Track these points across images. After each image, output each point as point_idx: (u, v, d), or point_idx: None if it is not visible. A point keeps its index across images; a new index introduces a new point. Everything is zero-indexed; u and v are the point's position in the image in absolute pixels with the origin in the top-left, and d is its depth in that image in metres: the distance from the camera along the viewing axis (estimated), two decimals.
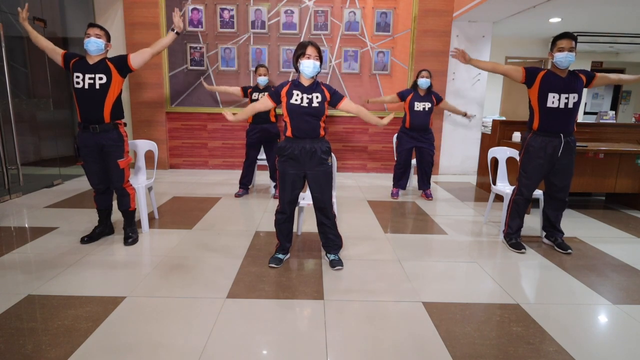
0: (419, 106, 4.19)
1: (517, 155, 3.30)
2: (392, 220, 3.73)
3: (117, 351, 1.71)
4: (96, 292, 2.21)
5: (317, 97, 2.42)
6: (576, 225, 3.66)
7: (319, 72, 2.44)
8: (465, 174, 6.11)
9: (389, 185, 4.87)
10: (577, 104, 2.74)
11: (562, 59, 2.65)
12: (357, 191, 4.81)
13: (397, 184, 4.53)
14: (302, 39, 5.02)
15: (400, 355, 1.73)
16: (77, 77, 2.67)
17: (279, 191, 2.56)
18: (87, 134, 2.74)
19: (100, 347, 1.73)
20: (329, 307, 2.10)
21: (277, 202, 4.15)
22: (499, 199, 3.92)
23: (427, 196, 4.48)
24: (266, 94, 2.56)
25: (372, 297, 2.22)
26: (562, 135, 2.78)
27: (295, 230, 2.83)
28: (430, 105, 4.21)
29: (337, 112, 5.66)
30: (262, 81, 4.25)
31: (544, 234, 3.16)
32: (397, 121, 5.77)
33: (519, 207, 3.01)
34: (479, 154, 5.30)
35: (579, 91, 2.73)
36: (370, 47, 5.65)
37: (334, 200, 2.80)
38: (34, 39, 2.82)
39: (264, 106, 2.58)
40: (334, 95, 2.50)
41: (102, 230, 3.03)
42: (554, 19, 5.65)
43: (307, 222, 3.44)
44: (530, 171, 2.90)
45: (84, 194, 4.36)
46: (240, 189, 4.47)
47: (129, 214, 2.98)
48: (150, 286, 2.29)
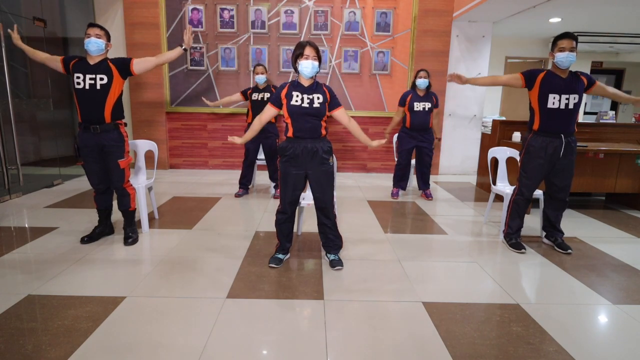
0: (419, 106, 4.19)
1: (517, 155, 3.31)
2: (392, 220, 3.73)
3: (117, 351, 1.71)
4: (96, 292, 2.21)
5: (319, 97, 2.42)
6: (576, 225, 3.66)
7: (318, 72, 2.44)
8: (465, 174, 6.11)
9: (389, 185, 4.87)
10: (577, 105, 2.74)
11: (563, 59, 2.65)
12: (357, 191, 4.81)
13: (398, 184, 4.53)
14: (302, 39, 5.02)
15: (400, 355, 1.73)
16: (78, 77, 2.67)
17: (280, 191, 2.55)
18: (87, 134, 2.74)
19: (100, 347, 1.73)
20: (329, 307, 2.10)
21: (277, 202, 4.18)
22: (499, 199, 3.92)
23: (427, 196, 4.48)
24: (268, 103, 2.52)
25: (372, 297, 2.22)
26: (562, 135, 2.78)
27: (295, 230, 2.83)
28: (430, 105, 4.21)
29: None
30: (260, 79, 4.23)
31: (544, 234, 3.16)
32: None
33: (519, 207, 3.01)
34: (479, 154, 5.30)
35: (580, 92, 2.73)
36: (370, 47, 5.65)
37: (335, 200, 2.79)
38: (32, 54, 2.87)
39: (269, 115, 2.54)
40: (333, 100, 2.49)
41: (102, 230, 3.03)
42: (554, 19, 5.65)
43: (307, 222, 3.44)
44: (530, 171, 2.90)
45: (84, 194, 4.36)
46: (240, 189, 4.47)
47: (129, 214, 2.98)
48: (150, 286, 2.29)
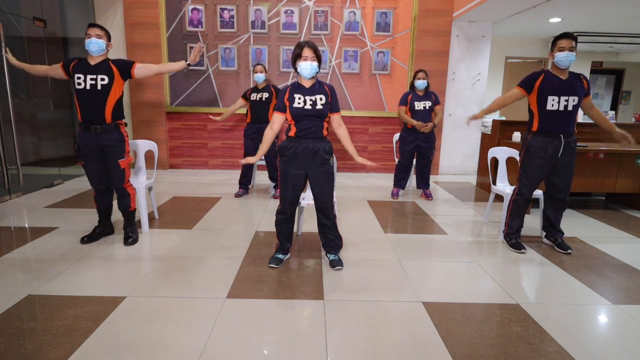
0: (420, 105, 4.20)
1: (517, 155, 3.30)
2: (392, 220, 3.73)
3: (117, 351, 1.71)
4: (96, 292, 2.21)
5: (321, 98, 2.41)
6: (576, 225, 3.66)
7: (318, 72, 2.43)
8: (465, 174, 6.11)
9: (389, 185, 4.87)
10: (576, 107, 2.74)
11: (563, 58, 2.65)
12: (357, 191, 4.81)
13: (398, 184, 4.53)
14: (302, 39, 5.02)
15: (400, 355, 1.73)
16: (79, 78, 2.67)
17: (280, 191, 2.55)
18: (88, 134, 2.74)
19: (100, 347, 1.73)
20: (329, 307, 2.10)
21: (277, 202, 4.18)
22: (499, 199, 3.92)
23: (427, 196, 4.48)
24: (274, 112, 2.48)
25: (372, 297, 2.22)
26: (562, 135, 2.78)
27: (295, 230, 2.83)
28: (430, 103, 4.21)
29: None
30: (259, 78, 4.20)
31: (544, 234, 3.16)
32: (397, 121, 5.79)
33: (519, 207, 3.01)
34: (479, 154, 5.30)
35: (580, 94, 2.73)
36: (370, 47, 5.65)
37: (335, 200, 2.79)
38: (32, 70, 2.90)
39: (279, 124, 2.48)
40: (333, 102, 2.48)
41: (102, 230, 3.03)
42: (554, 19, 5.65)
43: (307, 222, 3.44)
44: (530, 171, 2.90)
45: (84, 194, 4.36)
46: (240, 189, 4.47)
47: (129, 214, 2.98)
48: (150, 286, 2.29)
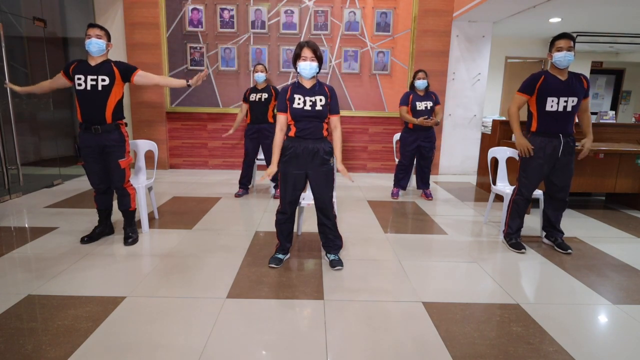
0: (421, 105, 4.20)
1: (517, 155, 3.30)
2: (392, 220, 3.73)
3: (117, 351, 1.71)
4: (96, 292, 2.21)
5: (321, 100, 2.41)
6: (576, 225, 3.66)
7: (318, 72, 2.43)
8: (465, 174, 6.11)
9: (389, 185, 4.87)
10: (575, 107, 2.74)
11: (561, 58, 2.65)
12: (357, 191, 4.81)
13: (398, 184, 4.53)
14: (302, 39, 5.02)
15: (400, 355, 1.73)
16: (79, 78, 2.67)
17: (280, 191, 2.55)
18: (88, 134, 2.75)
19: (100, 347, 1.73)
20: (329, 307, 2.10)
21: (277, 202, 4.18)
22: (499, 199, 3.92)
23: (427, 196, 4.48)
24: (277, 112, 2.47)
25: (372, 297, 2.22)
26: (561, 135, 2.79)
27: (295, 230, 2.83)
28: (431, 103, 4.21)
29: None
30: (260, 77, 4.18)
31: (544, 234, 3.16)
32: (397, 121, 5.79)
33: (518, 207, 3.01)
34: (479, 154, 5.30)
35: (579, 94, 2.73)
36: (370, 47, 5.65)
37: (334, 200, 2.79)
38: (40, 90, 2.90)
39: (284, 123, 2.46)
40: (333, 104, 2.47)
41: (102, 230, 3.03)
42: (554, 19, 5.65)
43: (307, 222, 3.44)
44: (529, 171, 2.90)
45: (84, 194, 4.36)
46: (240, 189, 4.47)
47: (129, 214, 2.98)
48: (150, 286, 2.29)
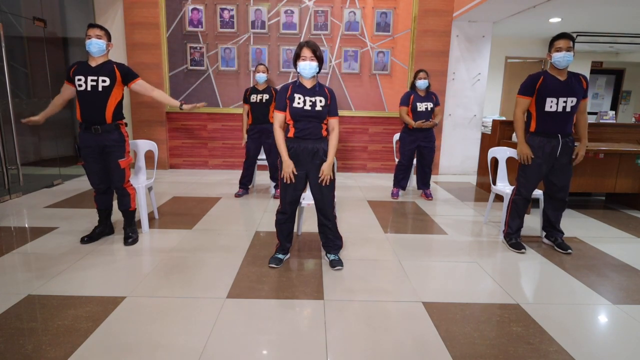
0: (422, 106, 4.19)
1: (516, 155, 3.30)
2: (392, 220, 3.73)
3: (117, 351, 1.71)
4: (96, 292, 2.21)
5: (321, 101, 2.41)
6: (576, 225, 3.66)
7: (318, 72, 2.43)
8: (465, 174, 6.11)
9: (389, 185, 4.87)
10: (574, 107, 2.74)
11: (560, 58, 2.65)
12: (357, 191, 4.81)
13: (398, 184, 4.53)
14: (302, 39, 5.02)
15: (400, 355, 1.73)
16: (79, 79, 2.67)
17: (280, 191, 2.55)
18: (88, 134, 2.75)
19: (100, 347, 1.73)
20: (329, 307, 2.10)
21: (277, 202, 4.18)
22: (499, 199, 3.92)
23: (427, 196, 4.48)
24: (276, 111, 2.45)
25: (372, 297, 2.22)
26: (560, 136, 2.79)
27: (295, 230, 2.83)
28: (431, 104, 4.21)
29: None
30: (261, 78, 4.18)
31: (544, 234, 3.16)
32: (397, 121, 5.79)
33: (518, 207, 3.01)
34: (479, 154, 5.30)
35: (578, 95, 2.73)
36: (370, 47, 5.65)
37: (335, 200, 2.79)
38: (55, 108, 2.88)
39: (282, 122, 2.46)
40: (332, 106, 2.47)
41: (102, 230, 3.03)
42: (554, 19, 5.65)
43: (307, 222, 3.44)
44: (528, 171, 2.90)
45: (84, 194, 4.36)
46: (240, 189, 4.47)
47: (129, 214, 2.98)
48: (150, 286, 2.29)
